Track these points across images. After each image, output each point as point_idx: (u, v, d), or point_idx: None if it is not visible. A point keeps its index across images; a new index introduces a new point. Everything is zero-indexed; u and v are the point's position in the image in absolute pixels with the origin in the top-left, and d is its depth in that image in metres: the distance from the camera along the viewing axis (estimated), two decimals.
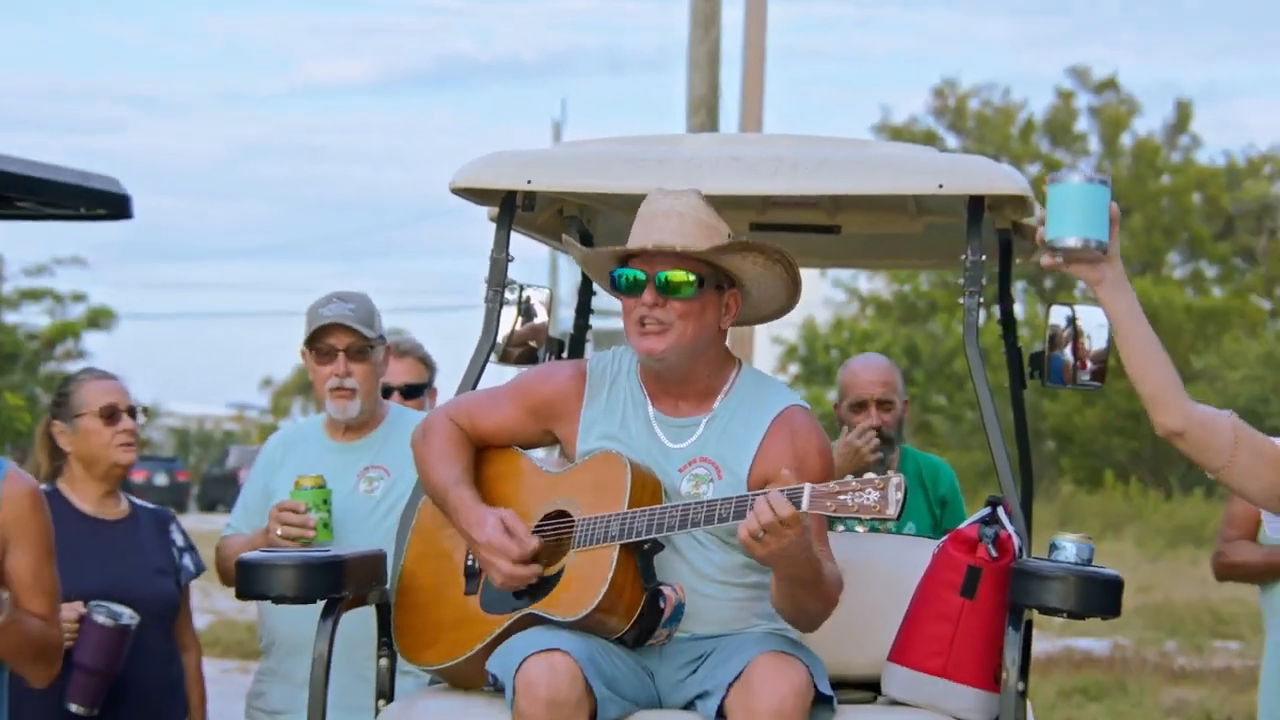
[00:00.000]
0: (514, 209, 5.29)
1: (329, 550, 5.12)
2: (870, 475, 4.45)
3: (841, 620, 4.89)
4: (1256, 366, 37.21)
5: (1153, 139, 47.54)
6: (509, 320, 5.57)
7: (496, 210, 5.34)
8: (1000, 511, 4.87)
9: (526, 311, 5.70)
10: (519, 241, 5.41)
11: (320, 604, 4.90)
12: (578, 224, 5.99)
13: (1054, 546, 4.80)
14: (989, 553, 4.80)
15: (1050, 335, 5.60)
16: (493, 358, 5.39)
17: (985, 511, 4.88)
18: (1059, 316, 5.61)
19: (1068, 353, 5.57)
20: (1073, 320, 5.58)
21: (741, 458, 4.81)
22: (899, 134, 45.23)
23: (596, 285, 5.26)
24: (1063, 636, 17.96)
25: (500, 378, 5.39)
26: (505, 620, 4.77)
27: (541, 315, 5.73)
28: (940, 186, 5.07)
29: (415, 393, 6.67)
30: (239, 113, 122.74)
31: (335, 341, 5.85)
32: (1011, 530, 4.84)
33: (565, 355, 5.86)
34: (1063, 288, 44.59)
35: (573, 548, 4.74)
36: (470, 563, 4.92)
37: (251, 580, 4.87)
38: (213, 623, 17.82)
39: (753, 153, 5.28)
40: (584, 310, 6.18)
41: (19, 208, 6.86)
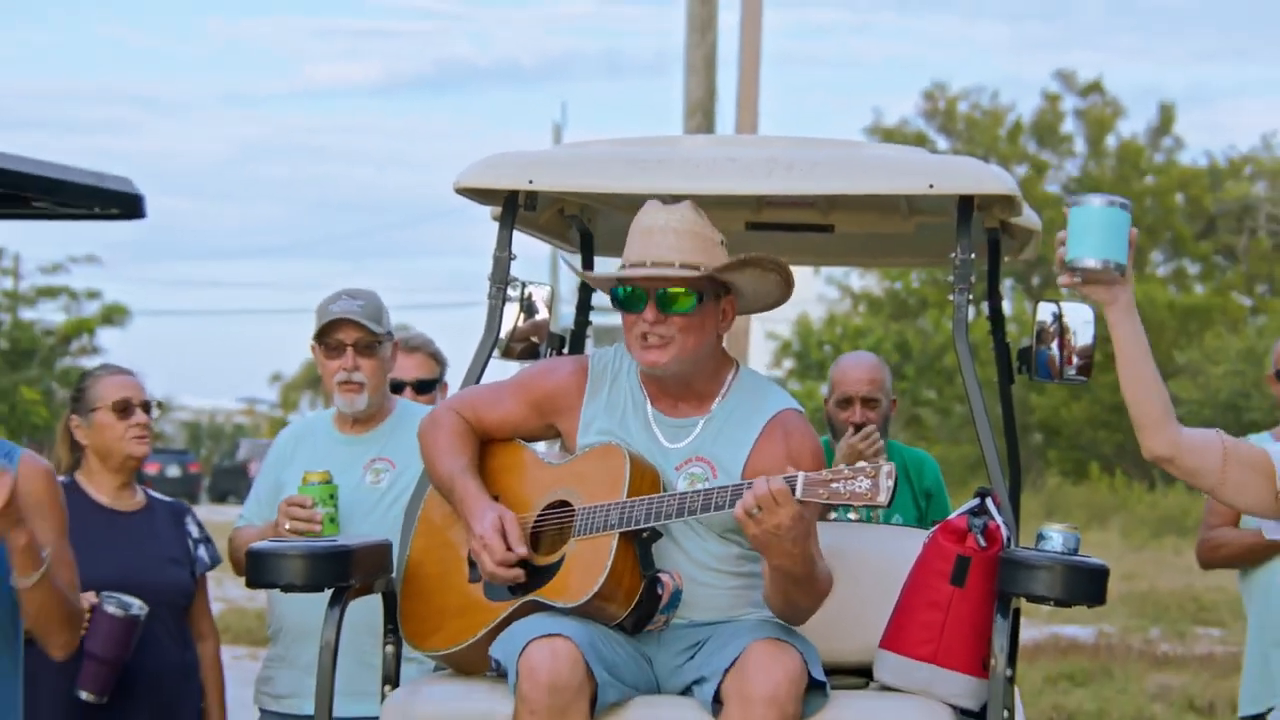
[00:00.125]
0: (516, 208, 5.29)
1: (336, 539, 5.11)
2: (862, 464, 4.46)
3: (834, 608, 4.88)
4: (1237, 362, 37.22)
5: (1136, 141, 47.53)
6: (511, 317, 5.56)
7: (499, 210, 5.33)
8: (989, 502, 4.87)
9: (528, 308, 5.69)
10: (521, 240, 5.40)
11: (327, 592, 4.90)
12: (578, 223, 5.99)
13: (1041, 536, 4.80)
14: (978, 542, 4.80)
15: (1037, 331, 5.60)
16: (495, 353, 5.39)
17: (974, 502, 4.88)
18: (1046, 313, 5.60)
19: (1054, 348, 5.56)
20: (1059, 316, 5.57)
21: (736, 458, 4.81)
22: (890, 136, 45.22)
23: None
24: (1049, 624, 17.96)
25: (504, 373, 5.39)
26: (508, 607, 4.77)
27: (543, 312, 5.72)
28: (931, 187, 5.07)
29: (427, 388, 6.66)
30: (243, 114, 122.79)
31: (344, 336, 5.85)
32: (1000, 521, 4.84)
33: (566, 351, 5.85)
34: (1049, 285, 44.59)
35: (573, 536, 4.74)
36: None
37: (261, 569, 4.87)
38: (224, 610, 17.80)
39: (748, 154, 5.27)
40: (584, 307, 6.18)
41: (36, 207, 6.87)
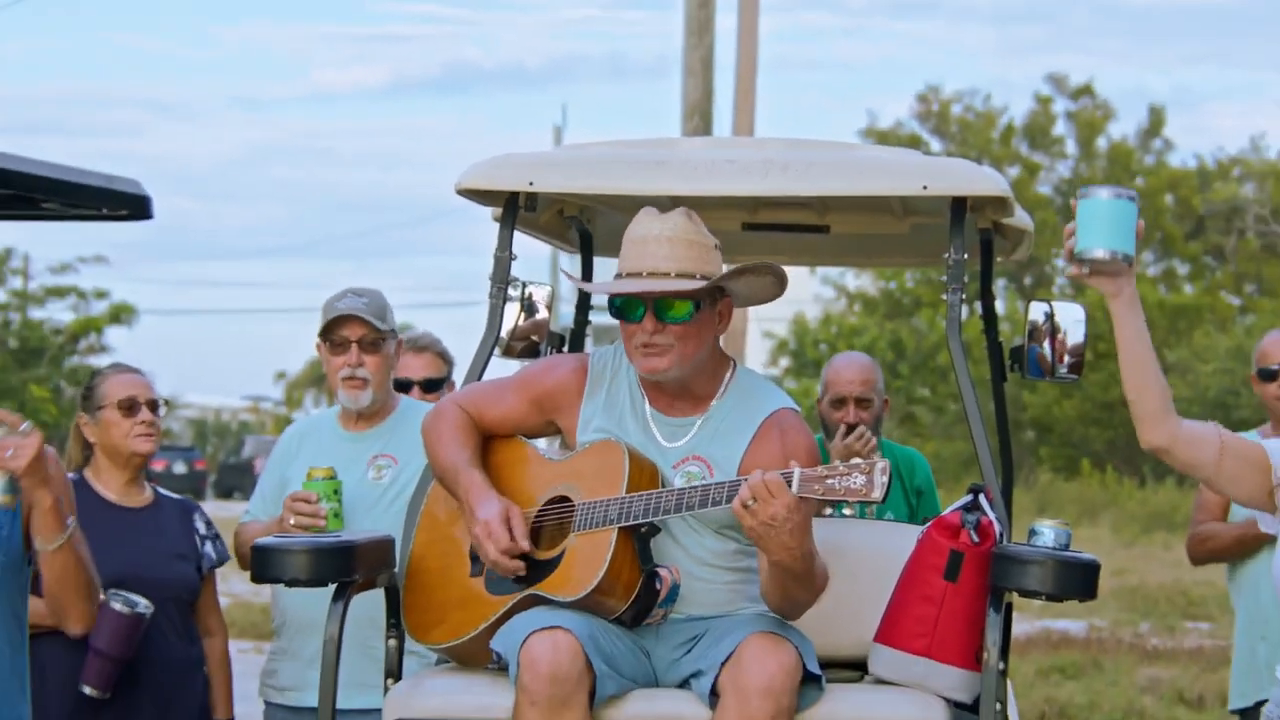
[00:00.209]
0: (517, 209, 5.29)
1: (339, 535, 5.11)
2: (857, 460, 4.46)
3: (829, 603, 4.88)
4: (1226, 360, 37.23)
5: (1126, 143, 47.55)
6: (512, 316, 5.56)
7: (500, 211, 5.33)
8: (982, 499, 4.87)
9: (529, 307, 5.69)
10: (521, 240, 5.40)
11: (331, 587, 4.90)
12: (577, 224, 5.99)
13: (1033, 532, 4.80)
14: (971, 538, 4.80)
15: (1029, 330, 5.60)
16: (496, 352, 5.39)
17: (967, 499, 4.88)
18: (1038, 312, 5.60)
19: (1046, 347, 5.56)
20: (1051, 316, 5.57)
21: (732, 456, 4.80)
22: (885, 138, 45.22)
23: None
24: (1041, 618, 17.96)
25: (504, 372, 5.39)
26: (509, 600, 4.77)
27: (543, 311, 5.72)
28: (924, 188, 5.06)
29: (434, 386, 6.65)
30: (252, 117, 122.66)
31: (349, 333, 5.85)
32: (992, 516, 4.85)
33: (566, 349, 5.85)
34: (1041, 285, 44.61)
35: (573, 531, 4.74)
36: None
37: (266, 564, 4.87)
38: (229, 605, 17.73)
39: (745, 155, 5.27)
40: (584, 306, 6.17)
41: (45, 209, 6.86)
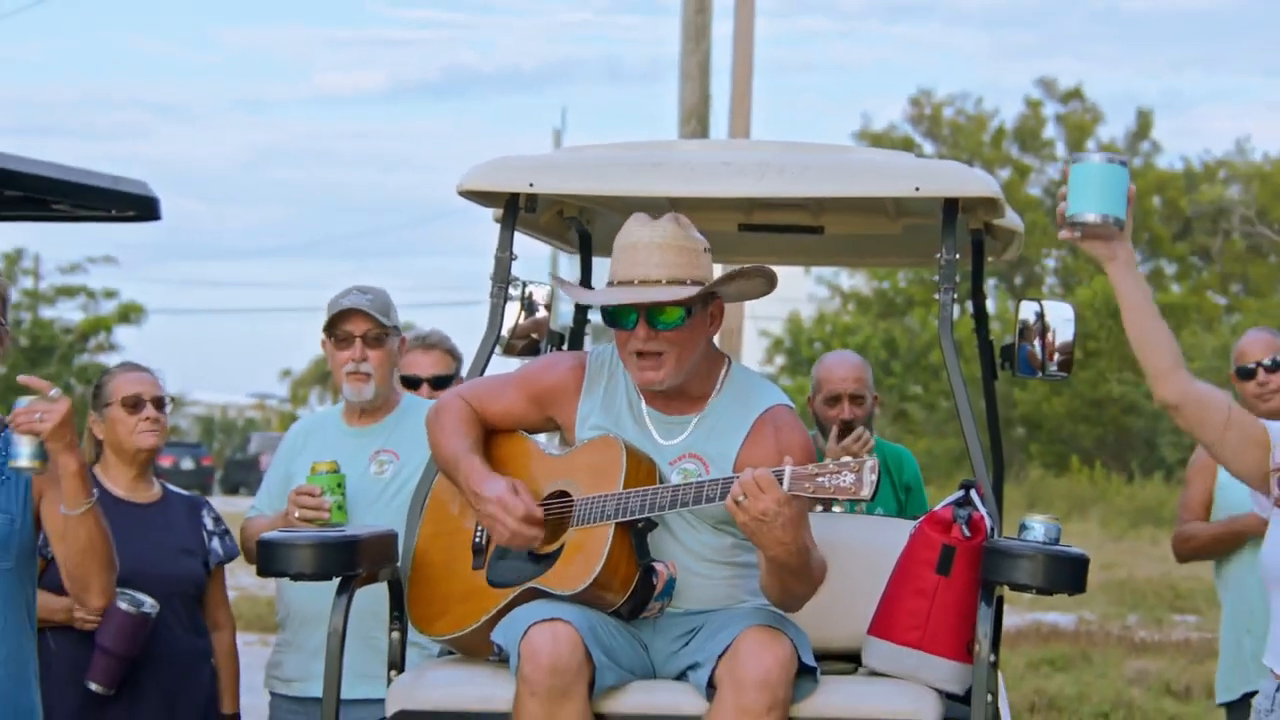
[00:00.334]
0: (517, 210, 5.28)
1: (344, 530, 5.12)
2: (846, 459, 4.45)
3: (824, 596, 4.88)
4: (1212, 358, 37.19)
5: (1115, 145, 47.54)
6: (512, 315, 5.56)
7: (501, 212, 5.34)
8: (973, 494, 4.87)
9: (529, 306, 5.69)
10: (522, 241, 5.40)
11: (335, 580, 4.90)
12: (577, 225, 5.99)
13: (1023, 527, 4.79)
14: (963, 532, 4.79)
15: (1020, 329, 5.60)
16: (497, 350, 5.39)
17: (959, 494, 4.88)
18: (1028, 311, 5.61)
19: (1036, 345, 5.57)
20: (1041, 315, 5.57)
21: (727, 453, 4.79)
22: (878, 140, 45.22)
23: (593, 283, 5.25)
24: (1031, 611, 17.96)
25: (505, 369, 5.39)
26: (510, 593, 4.77)
27: (543, 310, 5.72)
28: (917, 189, 5.06)
29: (443, 383, 6.64)
30: (255, 120, 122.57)
31: (353, 328, 5.85)
32: (984, 511, 4.84)
33: (565, 347, 5.85)
34: (1031, 284, 44.62)
35: (572, 525, 4.74)
36: (478, 539, 4.91)
37: (272, 558, 4.87)
38: (236, 598, 17.72)
39: (741, 158, 5.27)
40: (582, 305, 6.17)
41: (55, 210, 6.88)
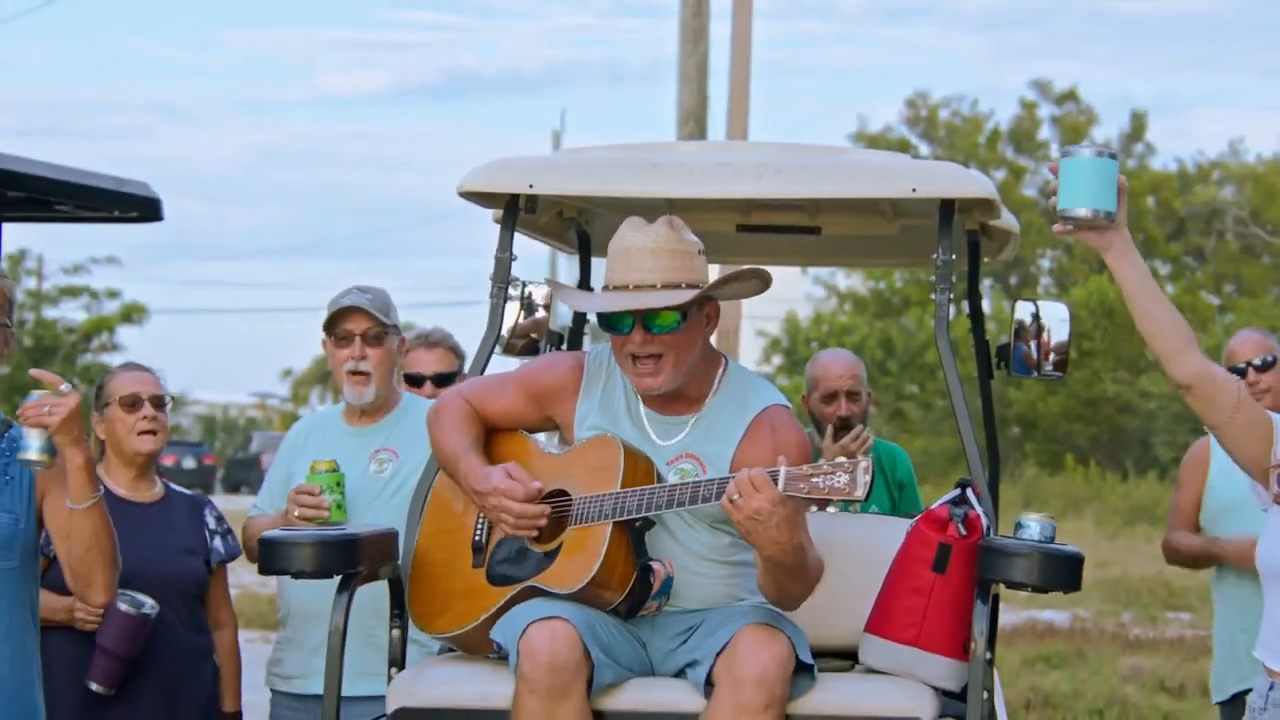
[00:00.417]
0: (517, 211, 5.28)
1: (344, 529, 5.11)
2: (840, 459, 4.45)
3: (821, 594, 4.87)
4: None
5: (1108, 143, 47.51)
6: (512, 315, 5.55)
7: (500, 213, 5.33)
8: (969, 492, 4.87)
9: (528, 306, 5.69)
10: (521, 241, 5.39)
11: (335, 578, 4.89)
12: (576, 225, 5.98)
13: (1019, 525, 4.79)
14: (959, 531, 4.79)
15: (1015, 329, 5.61)
16: (497, 349, 5.38)
17: (955, 493, 4.88)
18: (1023, 311, 5.61)
19: (1031, 345, 5.57)
20: (1036, 315, 5.57)
21: (724, 453, 4.79)
22: (875, 142, 45.23)
23: (592, 282, 5.24)
24: (1027, 609, 17.96)
25: (505, 369, 5.39)
26: (509, 592, 4.77)
27: (542, 310, 5.72)
28: (913, 190, 5.06)
29: (446, 381, 6.63)
30: (257, 121, 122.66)
31: (353, 326, 5.84)
32: (980, 510, 4.84)
33: (564, 347, 5.85)
34: (1027, 285, 44.61)
35: (570, 524, 4.74)
36: (478, 537, 4.91)
37: (273, 557, 4.86)
38: (237, 596, 17.72)
39: (739, 159, 5.27)
40: None
41: (59, 211, 6.89)
